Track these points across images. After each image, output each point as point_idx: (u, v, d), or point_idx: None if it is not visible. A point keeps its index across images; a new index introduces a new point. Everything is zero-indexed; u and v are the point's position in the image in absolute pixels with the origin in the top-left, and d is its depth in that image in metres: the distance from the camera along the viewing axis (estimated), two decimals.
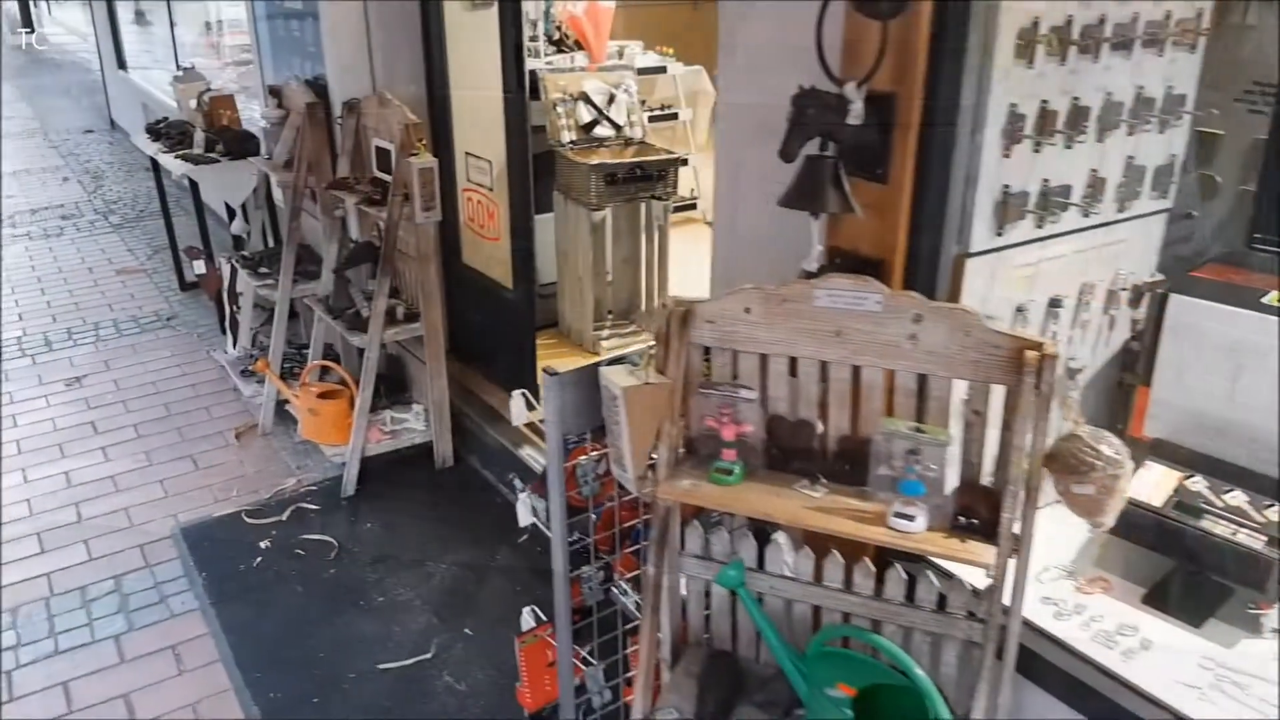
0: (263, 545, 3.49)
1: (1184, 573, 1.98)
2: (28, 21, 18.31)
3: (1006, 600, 1.65)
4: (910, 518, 1.63)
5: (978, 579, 1.75)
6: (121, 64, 9.70)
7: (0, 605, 3.23)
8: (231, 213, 5.19)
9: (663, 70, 6.35)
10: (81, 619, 3.16)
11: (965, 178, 1.81)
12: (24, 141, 10.32)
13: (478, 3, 3.81)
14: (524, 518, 2.20)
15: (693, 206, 6.50)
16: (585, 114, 4.50)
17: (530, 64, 3.81)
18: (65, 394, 4.69)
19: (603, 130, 4.54)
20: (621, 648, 2.20)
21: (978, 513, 1.64)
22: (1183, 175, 2.23)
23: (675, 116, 6.40)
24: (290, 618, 3.11)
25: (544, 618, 2.30)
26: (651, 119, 5.30)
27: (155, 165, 5.64)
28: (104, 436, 4.29)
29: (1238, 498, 1.99)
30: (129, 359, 5.06)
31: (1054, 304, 2.05)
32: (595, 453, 1.95)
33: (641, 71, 5.53)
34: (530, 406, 2.44)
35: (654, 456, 1.81)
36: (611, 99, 4.57)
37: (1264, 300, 1.96)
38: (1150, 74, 2.02)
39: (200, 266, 5.00)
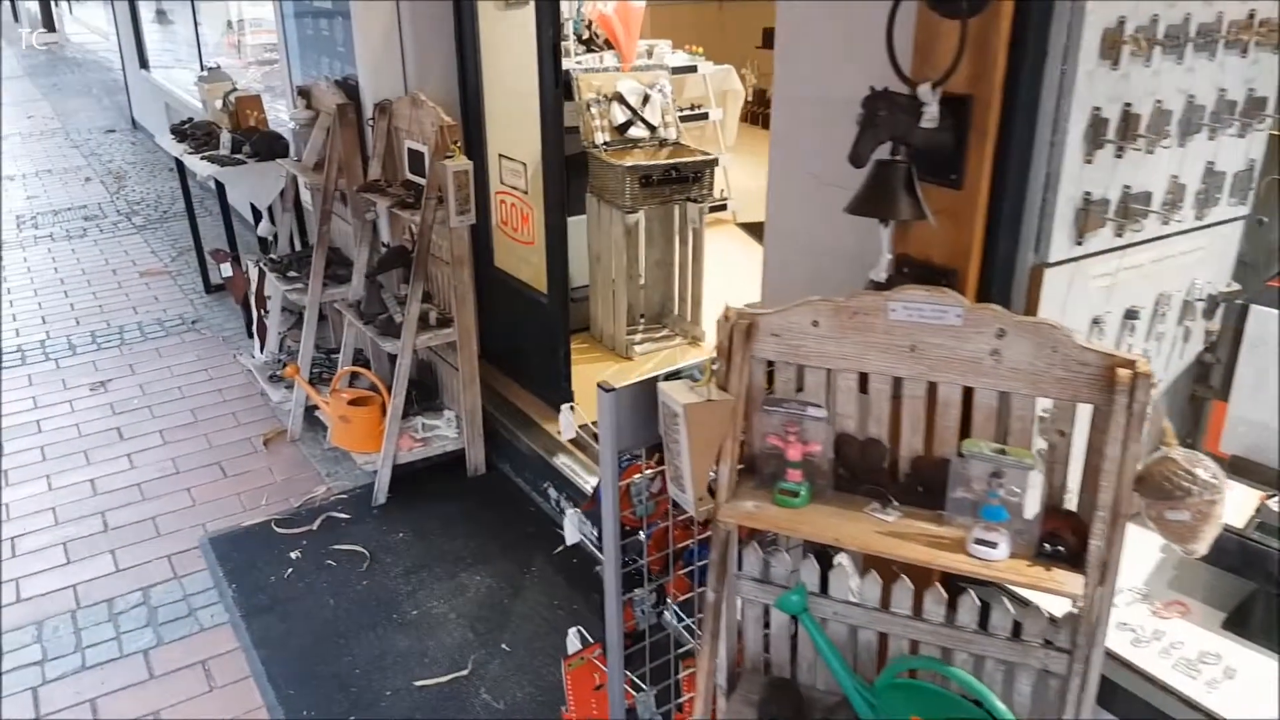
0: (293, 556, 3.42)
1: (1266, 596, 1.89)
2: (49, 21, 18.35)
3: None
4: (992, 545, 1.54)
5: (1054, 605, 1.67)
6: (143, 63, 9.68)
7: (2, 621, 3.18)
8: (258, 215, 5.13)
9: (693, 69, 6.28)
10: (109, 632, 3.10)
11: (1045, 184, 1.72)
12: (46, 141, 10.32)
13: (512, 1, 3.74)
14: (571, 536, 2.12)
15: (723, 207, 6.43)
16: (619, 115, 4.42)
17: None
18: (90, 399, 4.64)
19: (637, 131, 4.47)
20: (674, 672, 2.11)
21: (1063, 539, 1.55)
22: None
23: (705, 116, 6.33)
24: (323, 631, 3.04)
25: (590, 639, 2.22)
26: (681, 119, 5.23)
27: (180, 166, 5.59)
28: (129, 443, 4.23)
29: None
30: (154, 363, 5.01)
31: (1130, 315, 1.96)
32: (650, 470, 1.86)
33: (672, 71, 5.44)
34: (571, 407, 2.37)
35: (713, 473, 1.74)
36: (646, 99, 4.49)
37: None
38: (1232, 76, 1.93)
39: (227, 269, 4.94)
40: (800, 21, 2.17)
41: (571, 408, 2.13)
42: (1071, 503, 1.66)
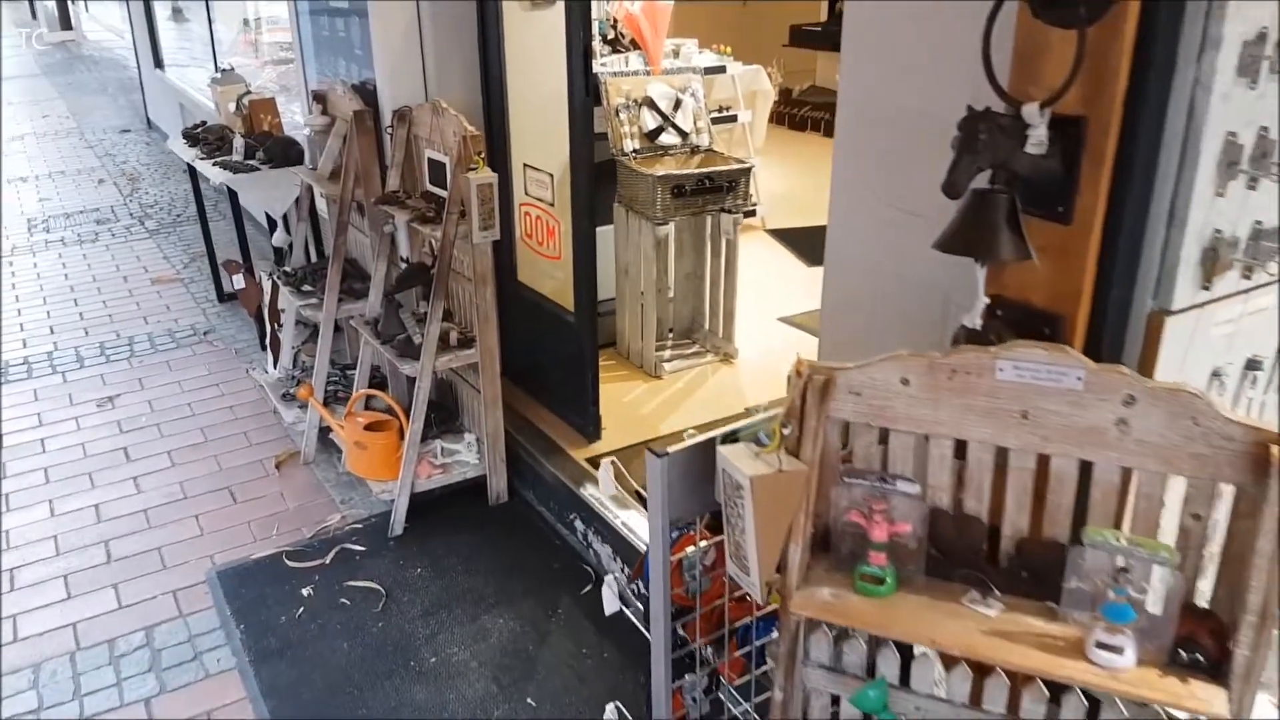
0: (305, 593, 3.21)
1: None
2: (65, 19, 18.24)
3: None
4: (1117, 650, 1.31)
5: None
6: (158, 63, 9.51)
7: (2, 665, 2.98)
8: (272, 223, 4.93)
9: (721, 70, 6.03)
10: (109, 677, 2.89)
11: (1168, 220, 1.49)
12: (60, 141, 10.17)
13: (538, 1, 3.51)
14: (610, 606, 1.90)
15: (751, 213, 6.18)
16: (650, 120, 4.20)
17: None
18: (96, 415, 4.45)
19: (668, 138, 4.24)
20: None
21: (1201, 644, 1.31)
22: None
23: (734, 119, 6.09)
24: (336, 680, 2.83)
25: (629, 716, 2.00)
26: (710, 121, 5.00)
27: (193, 171, 5.39)
28: (136, 464, 4.04)
29: None
30: (164, 377, 4.82)
31: (1252, 365, 1.72)
32: (704, 542, 1.64)
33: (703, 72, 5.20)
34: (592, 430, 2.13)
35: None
36: (678, 104, 4.26)
37: None
38: None
39: (239, 280, 4.74)
40: (873, 21, 1.93)
41: (614, 463, 1.91)
42: (1198, 592, 1.43)
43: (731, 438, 1.54)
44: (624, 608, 1.88)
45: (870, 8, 1.93)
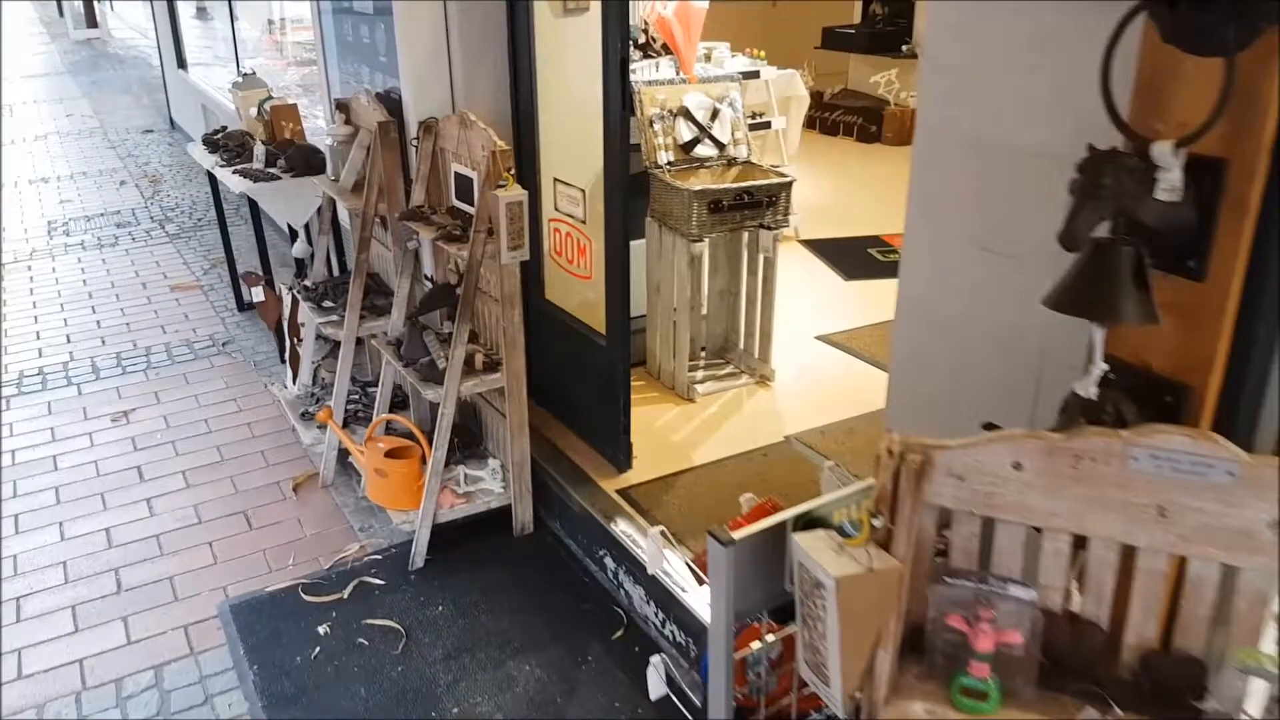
0: (321, 630, 3.04)
1: None
2: (91, 17, 18.23)
3: None
4: None
5: None
6: (181, 63, 9.40)
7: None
8: (293, 231, 4.77)
9: (755, 75, 5.83)
10: None
11: None
12: (83, 141, 10.08)
13: (570, 6, 3.33)
14: (656, 690, 1.71)
15: (785, 224, 5.97)
16: (685, 131, 4.00)
17: None
18: (111, 430, 4.31)
19: (704, 149, 4.04)
20: None
21: None
22: None
23: (768, 125, 5.88)
24: None
25: None
26: None
27: (213, 176, 5.24)
28: (150, 485, 3.88)
29: None
30: (180, 390, 4.67)
31: None
32: (771, 636, 1.45)
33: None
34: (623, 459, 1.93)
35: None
36: (715, 114, 4.06)
37: None
38: None
39: (259, 293, 4.58)
40: (961, 34, 1.73)
41: (662, 532, 1.72)
42: None
43: (806, 519, 1.35)
44: (672, 695, 1.69)
45: (957, 15, 1.73)
